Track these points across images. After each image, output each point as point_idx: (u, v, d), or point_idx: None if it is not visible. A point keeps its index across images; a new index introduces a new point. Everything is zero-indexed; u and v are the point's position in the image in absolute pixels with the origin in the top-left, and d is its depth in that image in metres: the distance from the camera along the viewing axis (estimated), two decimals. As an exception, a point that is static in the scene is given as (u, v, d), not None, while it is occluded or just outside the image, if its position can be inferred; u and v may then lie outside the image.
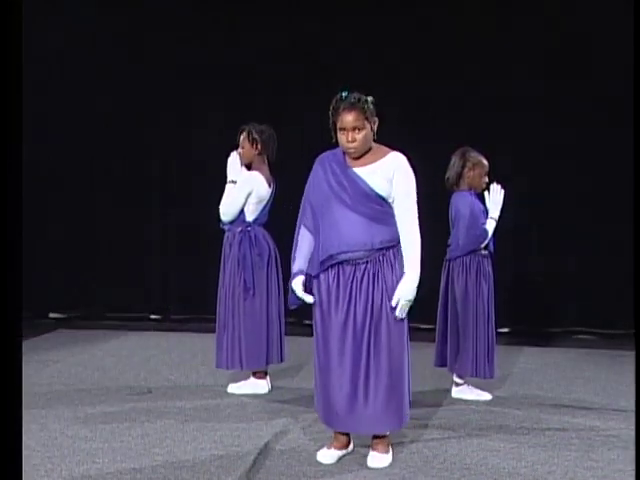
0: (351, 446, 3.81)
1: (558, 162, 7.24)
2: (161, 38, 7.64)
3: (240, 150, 5.01)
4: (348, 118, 3.55)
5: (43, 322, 7.73)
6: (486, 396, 4.92)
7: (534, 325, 7.46)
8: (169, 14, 7.69)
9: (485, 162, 4.95)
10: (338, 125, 3.59)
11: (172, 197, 7.90)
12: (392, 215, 3.61)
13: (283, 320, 5.06)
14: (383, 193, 3.57)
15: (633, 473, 3.52)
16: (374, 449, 3.68)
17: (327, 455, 3.71)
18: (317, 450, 3.79)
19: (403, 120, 7.17)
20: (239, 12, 7.59)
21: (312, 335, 3.74)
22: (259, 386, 5.01)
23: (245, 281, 4.90)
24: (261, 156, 5.01)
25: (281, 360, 5.07)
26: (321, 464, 3.64)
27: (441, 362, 5.01)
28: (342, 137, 3.59)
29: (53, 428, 4.13)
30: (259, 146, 4.98)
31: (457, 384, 4.97)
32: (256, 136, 4.97)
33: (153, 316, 7.96)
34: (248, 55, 7.54)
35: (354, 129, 3.56)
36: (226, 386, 5.05)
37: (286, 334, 5.13)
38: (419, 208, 3.68)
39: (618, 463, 3.70)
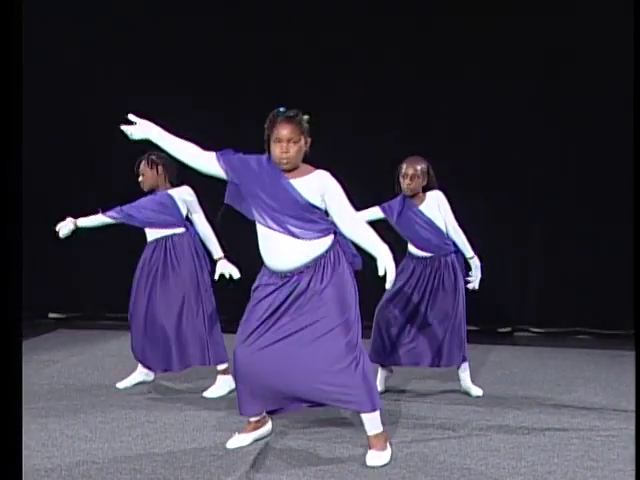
0: (267, 427, 3.97)
1: (558, 162, 7.24)
2: (161, 38, 7.64)
3: (140, 178, 5.10)
4: (284, 130, 3.64)
5: (43, 322, 7.74)
6: (477, 391, 4.98)
7: (534, 325, 7.47)
8: (169, 14, 7.69)
9: (402, 166, 4.91)
10: (274, 137, 3.67)
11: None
12: (321, 227, 3.67)
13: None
14: (315, 202, 3.65)
15: (633, 473, 3.53)
16: (372, 447, 3.69)
17: (237, 440, 3.87)
18: (317, 450, 3.80)
19: (403, 120, 7.18)
20: (239, 12, 7.59)
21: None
22: (228, 381, 5.01)
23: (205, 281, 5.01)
24: (165, 180, 5.07)
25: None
26: (321, 464, 3.63)
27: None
28: (276, 148, 3.66)
29: (53, 428, 4.13)
30: (160, 168, 5.04)
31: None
32: (154, 157, 5.02)
33: (153, 316, 7.94)
34: (248, 55, 7.54)
35: (289, 141, 3.64)
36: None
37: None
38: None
39: (618, 463, 3.70)
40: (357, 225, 3.70)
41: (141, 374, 5.15)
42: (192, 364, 5.03)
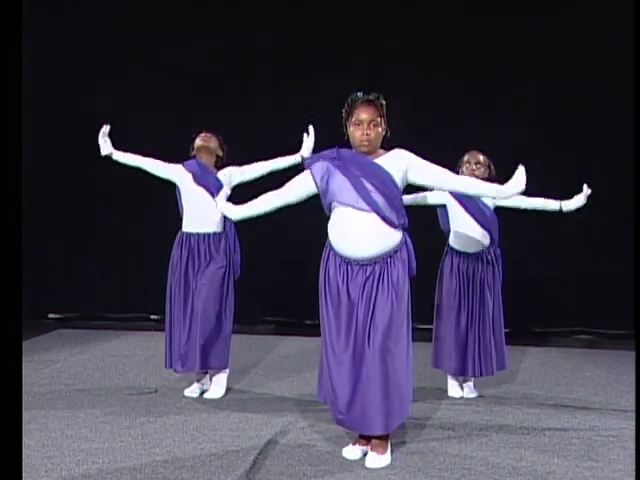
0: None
1: (558, 162, 7.24)
2: (161, 38, 7.64)
3: (201, 143, 5.07)
4: (364, 114, 3.59)
5: (43, 322, 7.74)
6: (457, 393, 4.97)
7: (534, 325, 7.46)
8: (169, 14, 7.69)
9: (464, 158, 4.96)
10: (353, 119, 3.61)
11: (172, 197, 7.90)
12: (401, 213, 3.62)
13: None
14: (398, 181, 3.60)
15: (633, 473, 3.53)
16: (373, 449, 3.68)
17: (352, 451, 3.74)
18: (317, 450, 3.80)
19: (403, 120, 7.16)
20: (239, 12, 7.59)
21: (312, 335, 3.74)
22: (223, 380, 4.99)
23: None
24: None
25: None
26: (321, 464, 3.63)
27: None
28: (357, 131, 3.60)
29: (53, 428, 4.13)
30: (221, 144, 5.10)
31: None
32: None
33: (153, 316, 7.95)
34: (248, 55, 7.54)
35: (370, 123, 3.58)
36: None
37: (285, 334, 5.13)
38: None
39: (618, 463, 3.70)
40: (456, 177, 3.77)
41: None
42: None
